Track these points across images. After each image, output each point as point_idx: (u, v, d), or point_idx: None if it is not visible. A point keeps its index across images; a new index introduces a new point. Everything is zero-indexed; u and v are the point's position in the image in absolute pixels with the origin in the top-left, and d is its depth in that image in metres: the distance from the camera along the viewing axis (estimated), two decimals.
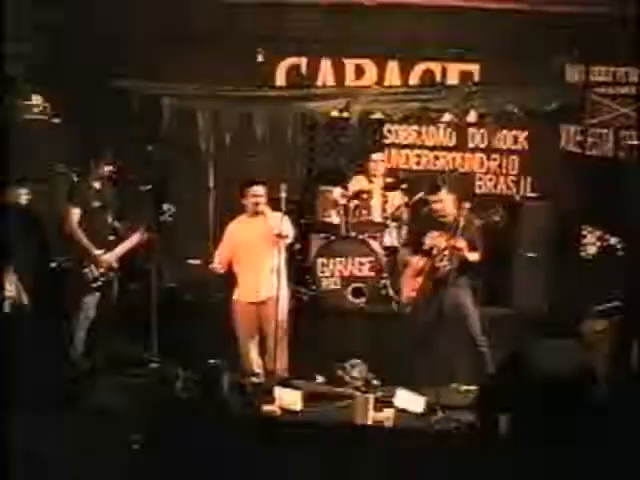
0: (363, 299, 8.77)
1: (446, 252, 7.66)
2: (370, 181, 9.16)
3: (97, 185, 8.31)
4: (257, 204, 7.96)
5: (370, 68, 9.89)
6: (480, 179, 9.89)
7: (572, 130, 9.58)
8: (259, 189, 7.97)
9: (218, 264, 8.05)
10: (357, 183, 9.21)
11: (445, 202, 7.79)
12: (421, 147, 9.96)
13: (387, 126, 9.93)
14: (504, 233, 9.12)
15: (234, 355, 8.01)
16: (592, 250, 9.09)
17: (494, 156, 9.90)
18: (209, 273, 8.18)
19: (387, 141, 9.95)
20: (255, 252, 7.97)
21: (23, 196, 8.40)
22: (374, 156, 9.20)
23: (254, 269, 7.96)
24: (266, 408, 7.25)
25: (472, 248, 7.71)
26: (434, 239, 7.75)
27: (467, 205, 7.82)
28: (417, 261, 7.92)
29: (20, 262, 7.94)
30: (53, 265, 8.55)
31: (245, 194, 8.02)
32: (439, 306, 7.74)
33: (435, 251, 7.74)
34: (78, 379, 7.29)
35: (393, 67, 9.87)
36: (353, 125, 9.44)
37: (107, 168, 8.30)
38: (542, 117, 9.04)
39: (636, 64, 8.85)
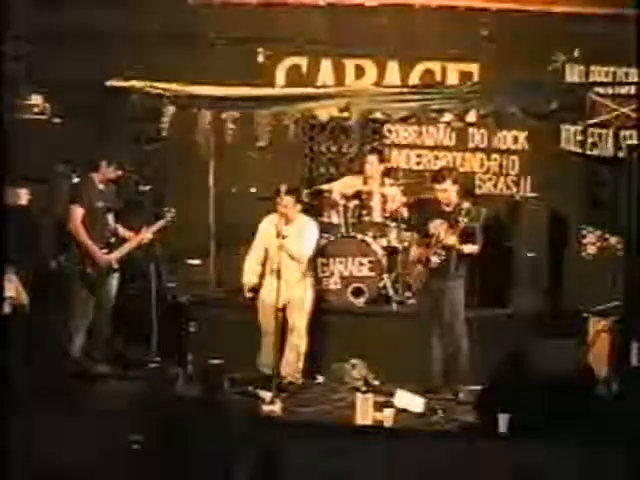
0: (363, 299, 8.77)
1: (442, 243, 7.77)
2: (365, 182, 9.15)
3: (101, 186, 8.34)
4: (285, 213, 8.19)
5: (370, 68, 9.88)
6: (480, 179, 9.89)
7: (572, 130, 9.58)
8: (287, 199, 8.18)
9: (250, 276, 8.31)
10: (346, 182, 9.23)
11: (449, 192, 7.89)
12: (421, 147, 9.95)
13: (387, 126, 9.93)
14: (504, 233, 9.15)
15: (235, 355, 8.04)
16: (592, 250, 9.11)
17: (494, 156, 9.89)
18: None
19: (387, 141, 9.95)
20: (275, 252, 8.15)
21: (23, 196, 8.41)
22: (369, 157, 9.19)
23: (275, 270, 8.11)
24: (266, 408, 7.26)
25: (472, 240, 7.80)
26: (437, 227, 7.85)
27: (467, 204, 7.93)
28: (416, 248, 8.04)
29: (20, 262, 7.95)
30: (54, 265, 8.55)
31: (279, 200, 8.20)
32: (437, 297, 7.86)
33: (434, 239, 7.83)
34: (78, 379, 7.30)
35: (393, 67, 9.86)
36: (353, 125, 9.44)
37: (116, 172, 8.33)
38: (542, 117, 9.04)
39: (636, 64, 8.84)
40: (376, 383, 8.19)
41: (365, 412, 7.06)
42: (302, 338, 8.23)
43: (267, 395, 7.46)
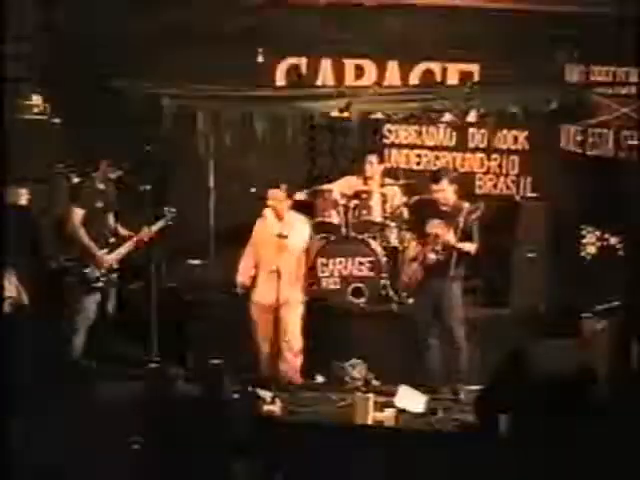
0: (363, 299, 8.77)
1: (440, 240, 7.78)
2: (365, 182, 9.15)
3: (101, 186, 8.36)
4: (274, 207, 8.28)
5: (370, 68, 9.89)
6: (480, 179, 9.89)
7: (572, 130, 9.58)
8: (276, 192, 8.24)
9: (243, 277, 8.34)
10: (346, 182, 9.25)
11: (446, 192, 7.93)
12: (421, 147, 9.96)
13: (387, 126, 9.93)
14: (504, 233, 9.15)
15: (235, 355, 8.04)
16: (592, 250, 9.11)
17: (494, 156, 9.90)
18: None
19: (387, 141, 9.95)
20: (272, 253, 8.19)
21: (23, 196, 8.41)
22: (369, 157, 9.19)
23: (271, 269, 8.13)
24: (266, 408, 7.26)
25: (470, 239, 7.82)
26: (434, 227, 7.87)
27: (466, 204, 7.95)
28: (414, 247, 8.07)
29: (20, 262, 7.95)
30: (54, 265, 8.56)
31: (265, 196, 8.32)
32: (435, 297, 7.88)
33: (432, 238, 7.85)
34: (78, 379, 7.30)
35: (393, 67, 9.86)
36: (353, 125, 9.44)
37: (117, 173, 8.35)
38: (542, 117, 9.04)
39: (636, 64, 8.84)
40: (376, 383, 8.19)
41: (365, 412, 7.06)
42: (297, 338, 8.23)
43: (267, 395, 7.46)
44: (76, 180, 8.94)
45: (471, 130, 9.88)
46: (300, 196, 9.02)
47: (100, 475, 6.18)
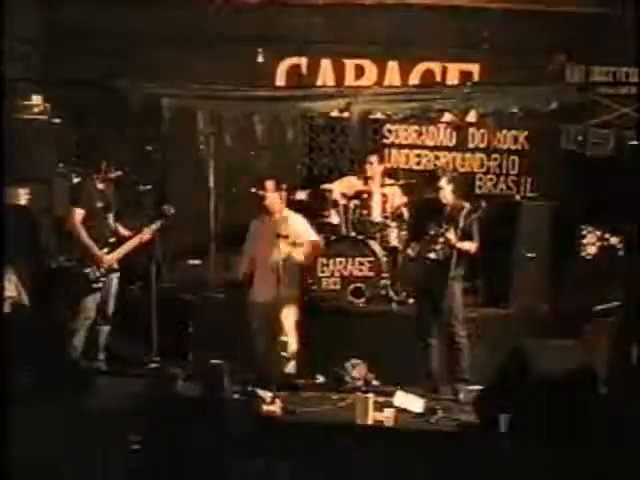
0: (363, 299, 8.77)
1: (440, 240, 7.80)
2: (365, 182, 9.16)
3: (101, 186, 8.35)
4: (264, 199, 8.19)
5: (370, 68, 9.89)
6: (480, 179, 9.90)
7: (572, 130, 9.58)
8: (267, 184, 8.19)
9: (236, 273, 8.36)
10: (346, 182, 9.25)
11: (445, 191, 7.92)
12: (421, 147, 9.96)
13: (387, 126, 9.93)
14: (504, 233, 9.15)
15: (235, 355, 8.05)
16: (592, 250, 9.12)
17: (494, 156, 9.91)
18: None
19: (387, 141, 9.95)
20: (269, 251, 8.13)
21: (23, 196, 8.41)
22: (370, 157, 9.19)
23: (269, 268, 8.09)
24: (266, 408, 7.26)
25: (470, 238, 7.83)
26: (434, 226, 7.88)
27: (466, 204, 7.95)
28: (414, 247, 8.08)
29: (20, 262, 7.95)
30: (54, 265, 8.56)
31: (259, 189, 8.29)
32: (435, 297, 7.89)
33: (431, 237, 7.87)
34: (78, 379, 7.30)
35: (393, 67, 9.87)
36: (353, 125, 9.44)
37: (116, 173, 8.34)
38: (542, 117, 9.04)
39: (636, 64, 8.85)
40: (376, 383, 8.19)
41: (365, 412, 7.06)
42: (292, 336, 8.20)
43: (267, 395, 7.46)
44: (76, 180, 8.94)
45: (471, 130, 9.89)
46: (300, 196, 9.02)
47: (100, 475, 6.19)
